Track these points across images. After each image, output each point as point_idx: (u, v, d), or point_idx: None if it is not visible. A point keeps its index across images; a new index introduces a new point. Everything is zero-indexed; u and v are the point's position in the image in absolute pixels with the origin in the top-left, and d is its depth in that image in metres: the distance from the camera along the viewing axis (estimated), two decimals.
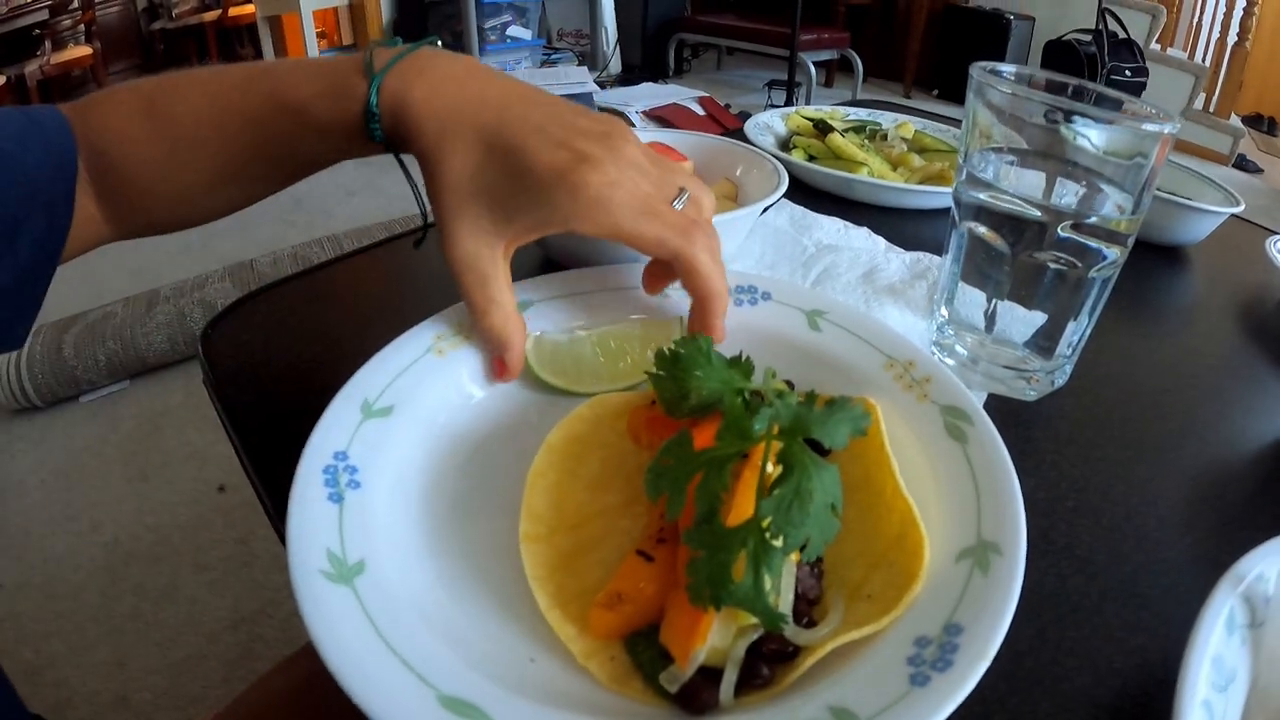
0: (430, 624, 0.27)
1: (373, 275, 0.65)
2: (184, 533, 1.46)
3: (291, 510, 0.29)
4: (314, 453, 0.32)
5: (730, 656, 0.26)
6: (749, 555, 0.24)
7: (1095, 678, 0.32)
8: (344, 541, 0.29)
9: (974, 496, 0.32)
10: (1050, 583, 0.37)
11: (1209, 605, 0.29)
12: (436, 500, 0.34)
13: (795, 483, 0.25)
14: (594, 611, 0.28)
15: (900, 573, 0.29)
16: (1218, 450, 0.50)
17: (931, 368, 0.40)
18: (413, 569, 0.30)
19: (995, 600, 0.27)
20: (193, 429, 1.73)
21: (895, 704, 0.24)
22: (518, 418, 0.39)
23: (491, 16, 3.87)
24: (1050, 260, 0.47)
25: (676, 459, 0.28)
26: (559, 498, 0.33)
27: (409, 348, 0.39)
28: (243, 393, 0.48)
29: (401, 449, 0.34)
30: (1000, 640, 0.26)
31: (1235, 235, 0.84)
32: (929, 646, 0.26)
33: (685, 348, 0.33)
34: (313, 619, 0.25)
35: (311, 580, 0.27)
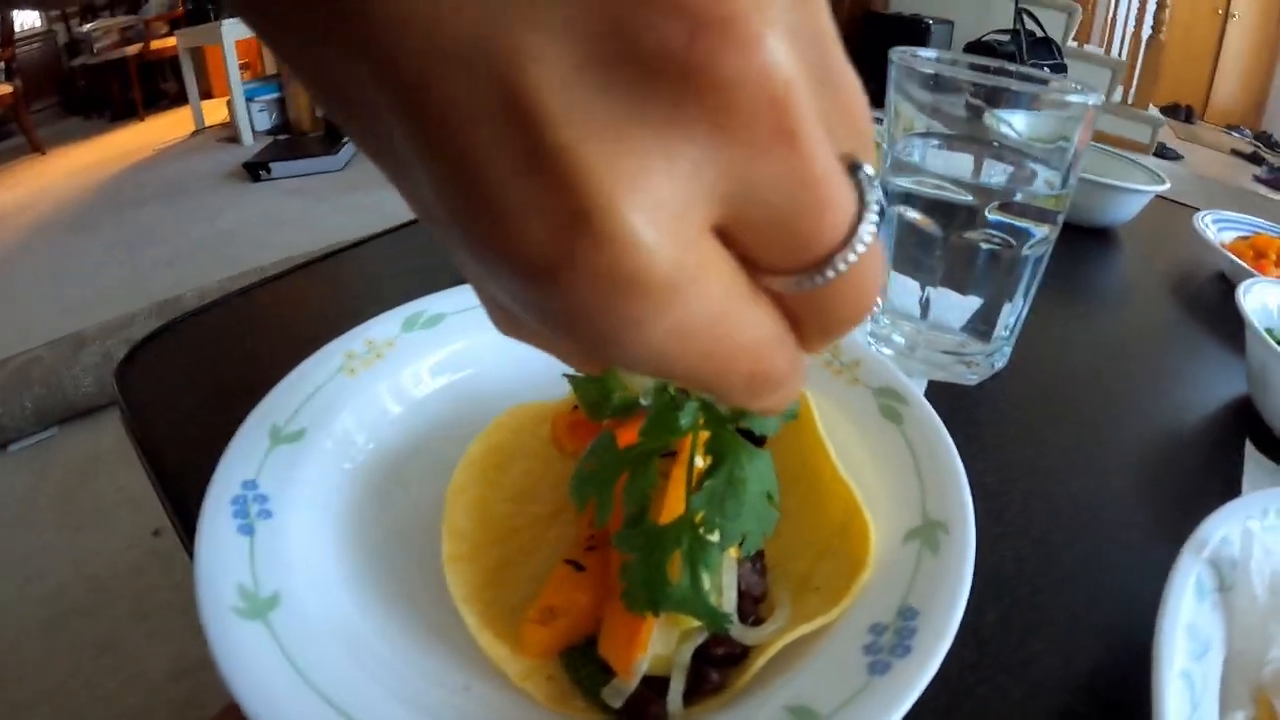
0: (355, 657, 0.25)
1: (296, 300, 0.62)
2: (122, 581, 1.41)
3: (199, 545, 0.27)
4: (221, 483, 0.30)
5: (675, 663, 0.25)
6: (684, 554, 0.23)
7: (1064, 659, 0.31)
8: (256, 575, 0.26)
9: (915, 476, 0.31)
10: (1008, 566, 0.36)
11: (1175, 573, 0.28)
12: (355, 525, 0.31)
13: (727, 472, 0.23)
14: (526, 628, 0.26)
15: (847, 560, 0.28)
16: (1164, 422, 0.49)
17: (858, 351, 0.39)
18: (332, 600, 0.27)
19: (948, 579, 0.26)
20: (125, 473, 1.66)
21: (857, 696, 0.22)
22: (437, 432, 0.37)
23: None
24: (982, 240, 0.46)
25: (601, 461, 0.26)
26: (482, 513, 0.31)
27: (318, 370, 0.37)
28: (161, 426, 0.44)
29: (315, 474, 0.32)
30: (958, 619, 0.24)
31: (1162, 215, 0.86)
32: (885, 633, 0.24)
33: None
34: (223, 658, 0.23)
35: (222, 618, 0.24)
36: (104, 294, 2.31)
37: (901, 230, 0.49)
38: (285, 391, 0.35)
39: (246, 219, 2.87)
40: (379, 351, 0.39)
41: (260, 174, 3.23)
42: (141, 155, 4.00)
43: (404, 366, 0.39)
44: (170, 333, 0.54)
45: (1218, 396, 0.52)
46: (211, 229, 2.79)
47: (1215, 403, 0.52)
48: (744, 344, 0.13)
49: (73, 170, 3.99)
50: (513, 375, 0.40)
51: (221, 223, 2.85)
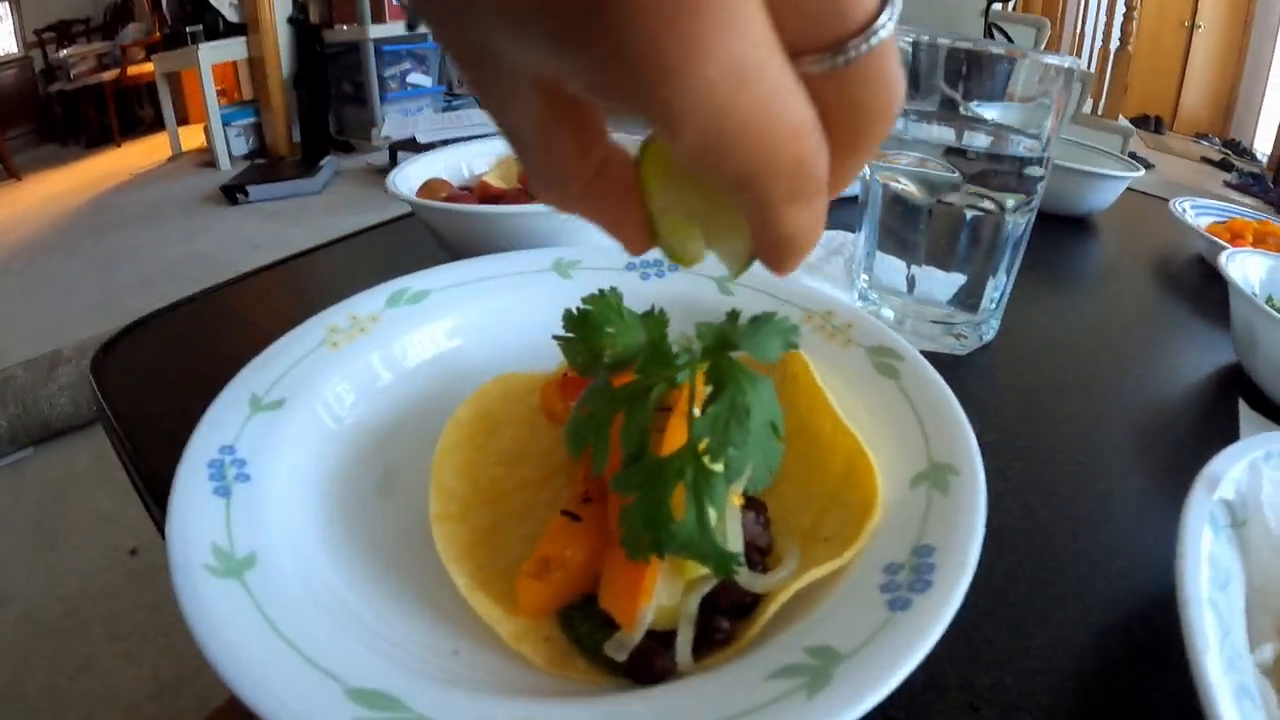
0: (336, 620, 0.23)
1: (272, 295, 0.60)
2: (96, 601, 1.38)
3: (172, 505, 0.25)
4: (197, 447, 0.28)
5: (682, 614, 0.23)
6: (688, 486, 0.21)
7: (1084, 606, 0.30)
8: (232, 535, 0.25)
9: (916, 424, 0.30)
10: (1017, 518, 0.35)
11: (1188, 509, 0.28)
12: (337, 490, 0.30)
13: (729, 398, 0.22)
14: (521, 582, 0.24)
15: (855, 508, 0.27)
16: (1156, 387, 0.50)
17: (851, 314, 0.38)
18: (313, 563, 0.26)
19: (963, 515, 0.25)
20: (101, 494, 1.64)
21: (879, 632, 0.21)
22: (422, 404, 0.36)
23: (392, 65, 3.85)
24: (966, 206, 0.46)
25: (595, 405, 0.24)
26: (471, 474, 0.29)
27: (300, 342, 0.36)
28: (138, 414, 0.43)
29: (296, 441, 0.30)
30: (976, 554, 0.23)
31: (1136, 206, 0.88)
32: (901, 571, 0.23)
33: (594, 304, 0.30)
34: (194, 616, 0.21)
35: (193, 576, 0.23)
36: (80, 314, 2.28)
37: (886, 208, 0.49)
38: (265, 363, 0.34)
39: (222, 241, 2.85)
40: (362, 326, 0.38)
41: (237, 197, 3.21)
42: (118, 180, 3.97)
43: (388, 340, 0.38)
44: (147, 326, 0.53)
45: (1207, 363, 0.53)
46: (187, 250, 2.77)
47: (1205, 369, 0.52)
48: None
49: (49, 195, 3.96)
50: (500, 350, 0.40)
51: (198, 244, 2.83)
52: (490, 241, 0.49)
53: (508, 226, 0.50)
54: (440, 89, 4.10)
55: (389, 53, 3.81)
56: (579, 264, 0.44)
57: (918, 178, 0.47)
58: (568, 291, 0.38)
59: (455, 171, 0.63)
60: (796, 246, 0.16)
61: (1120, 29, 3.84)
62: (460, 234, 0.52)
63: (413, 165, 0.60)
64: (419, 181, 0.58)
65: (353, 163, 3.70)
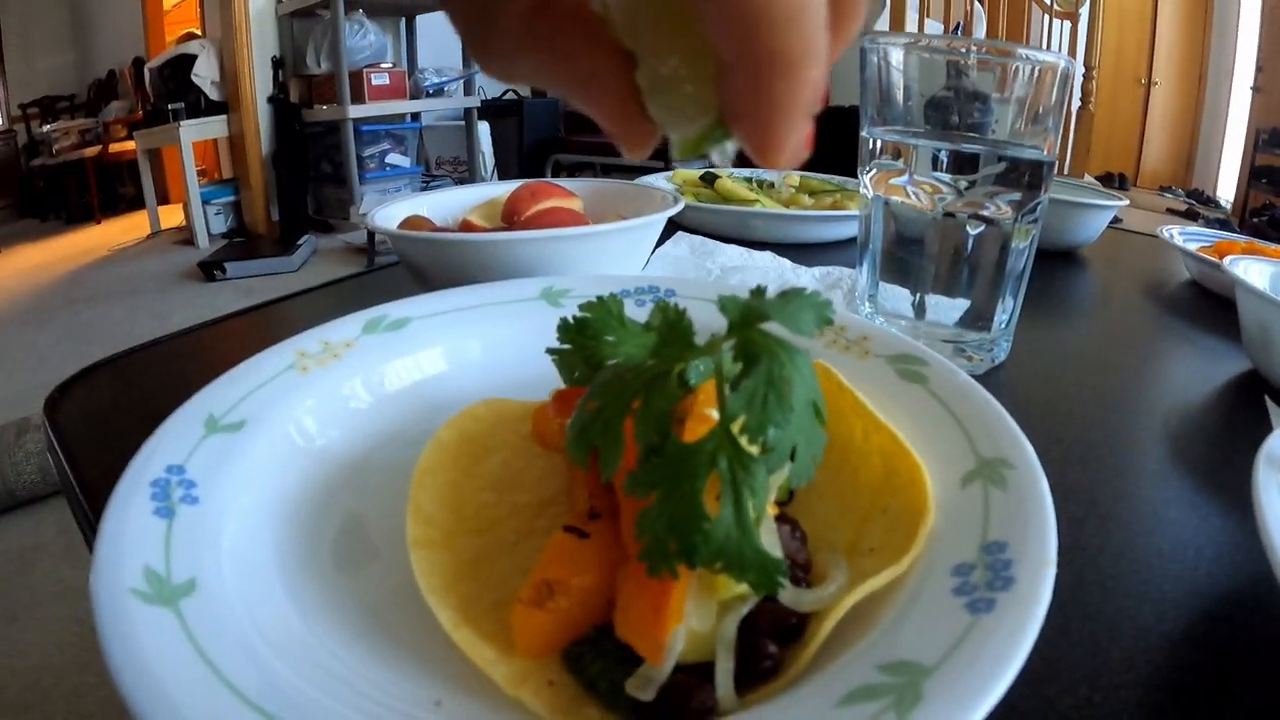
0: (290, 663, 0.19)
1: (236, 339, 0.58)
2: (57, 676, 1.31)
3: (104, 524, 0.22)
4: (141, 465, 0.24)
5: (719, 639, 0.19)
6: (723, 477, 0.18)
7: (1155, 613, 0.27)
8: (170, 559, 0.20)
9: (955, 424, 0.27)
10: (1064, 531, 0.31)
11: (1256, 487, 0.25)
12: (300, 519, 0.26)
13: (766, 371, 0.18)
14: (518, 612, 0.20)
15: (901, 514, 0.23)
16: (1179, 396, 0.49)
17: (866, 327, 0.36)
18: (267, 595, 0.21)
19: (1030, 507, 0.22)
20: (66, 565, 1.58)
21: (965, 639, 0.17)
22: (399, 432, 0.32)
23: (370, 145, 3.89)
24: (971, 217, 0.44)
25: (605, 397, 0.21)
26: (455, 499, 0.25)
27: (266, 365, 0.32)
28: (90, 453, 0.39)
29: (255, 464, 0.26)
30: (1054, 545, 0.20)
31: (1122, 240, 0.93)
32: (974, 571, 0.19)
33: (592, 312, 0.27)
34: (111, 644, 0.18)
35: (118, 600, 0.19)
36: (50, 386, 2.22)
37: (888, 237, 0.47)
38: (226, 384, 0.30)
39: (198, 317, 2.78)
40: (335, 352, 0.35)
41: (215, 274, 3.19)
42: (96, 255, 3.95)
43: (363, 367, 0.35)
44: (109, 367, 0.50)
45: (1221, 372, 0.52)
46: (163, 325, 2.73)
47: (1220, 377, 0.52)
48: None
49: (26, 267, 3.94)
50: (487, 379, 0.36)
51: (174, 320, 2.80)
52: (475, 274, 0.46)
53: (493, 256, 0.47)
54: (419, 169, 4.15)
55: (367, 133, 3.86)
56: (569, 292, 0.42)
57: (918, 193, 0.45)
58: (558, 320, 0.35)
59: (438, 214, 0.60)
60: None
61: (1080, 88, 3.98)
62: (444, 268, 0.49)
63: (394, 205, 0.57)
64: (400, 220, 0.55)
65: (331, 242, 3.71)
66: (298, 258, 3.34)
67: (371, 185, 3.81)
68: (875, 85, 0.46)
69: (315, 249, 3.56)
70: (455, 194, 0.63)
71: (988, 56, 0.43)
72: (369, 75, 3.58)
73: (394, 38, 4.15)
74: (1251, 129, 4.20)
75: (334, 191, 3.88)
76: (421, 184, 4.08)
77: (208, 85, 3.84)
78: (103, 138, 5.25)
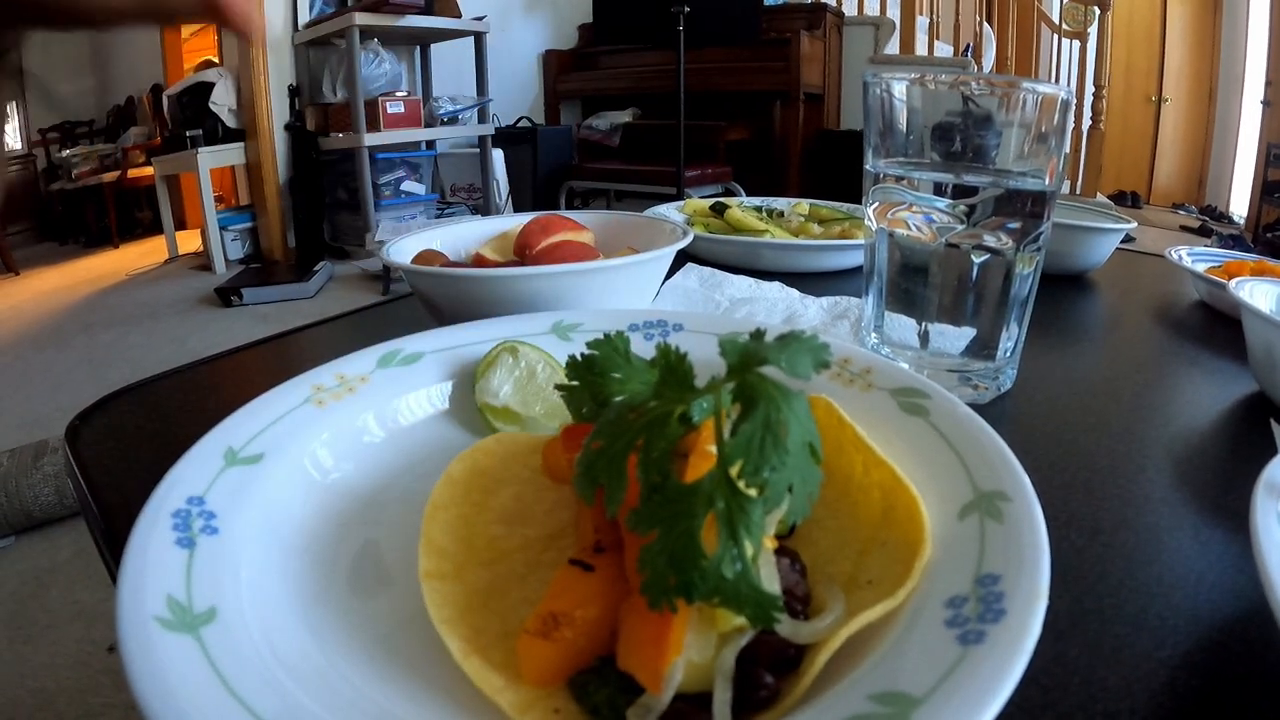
0: (307, 689, 0.20)
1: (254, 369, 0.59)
2: (70, 697, 1.31)
3: (128, 553, 0.23)
4: (162, 496, 0.25)
5: (718, 670, 0.20)
6: (720, 517, 0.18)
7: (1154, 641, 0.28)
8: (191, 588, 0.22)
9: (954, 456, 0.28)
10: (1065, 557, 0.33)
11: (1255, 514, 0.25)
12: (316, 550, 0.27)
13: (763, 415, 0.19)
14: (524, 642, 0.21)
15: (899, 547, 0.24)
16: (1182, 421, 0.49)
17: (869, 359, 0.36)
18: (284, 625, 0.22)
19: (1025, 539, 0.22)
20: (81, 587, 1.59)
21: (954, 670, 0.18)
22: (413, 465, 0.33)
23: (385, 173, 3.94)
24: (975, 247, 0.45)
25: (609, 436, 0.22)
26: (466, 532, 0.26)
27: (283, 399, 0.33)
28: (110, 478, 0.41)
29: (272, 497, 0.28)
30: (1047, 578, 0.20)
31: (1131, 263, 0.92)
32: (966, 604, 0.20)
33: (599, 349, 0.28)
34: (135, 670, 0.19)
35: (142, 626, 0.20)
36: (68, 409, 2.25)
37: (893, 266, 0.48)
38: (244, 417, 0.31)
39: (215, 342, 2.85)
40: (350, 386, 0.36)
41: (232, 299, 3.23)
42: (114, 280, 4.01)
43: (378, 401, 0.36)
44: (129, 395, 0.51)
45: (1227, 395, 0.52)
46: (180, 350, 2.77)
47: (1226, 400, 0.52)
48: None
49: (44, 291, 3.99)
50: None
51: (190, 345, 2.83)
52: (487, 308, 0.47)
53: (505, 290, 0.48)
54: (433, 196, 4.19)
55: (383, 160, 3.91)
56: (579, 326, 0.43)
57: (925, 223, 0.46)
58: (568, 354, 0.36)
59: (451, 247, 0.62)
60: None
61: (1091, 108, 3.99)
62: (457, 301, 0.50)
63: (408, 240, 0.59)
64: (414, 254, 0.56)
65: (347, 268, 3.75)
66: (314, 284, 3.37)
67: (387, 212, 3.85)
68: (878, 116, 0.47)
69: (331, 275, 3.60)
70: (468, 227, 0.64)
71: (989, 88, 0.44)
72: (384, 103, 3.63)
73: (409, 66, 4.21)
74: (1263, 144, 4.19)
75: (350, 218, 3.92)
76: (437, 211, 4.12)
77: (225, 113, 3.91)
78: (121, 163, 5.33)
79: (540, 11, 4.96)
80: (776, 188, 4.89)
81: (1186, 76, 4.62)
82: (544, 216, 0.60)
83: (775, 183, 4.96)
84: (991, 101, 0.43)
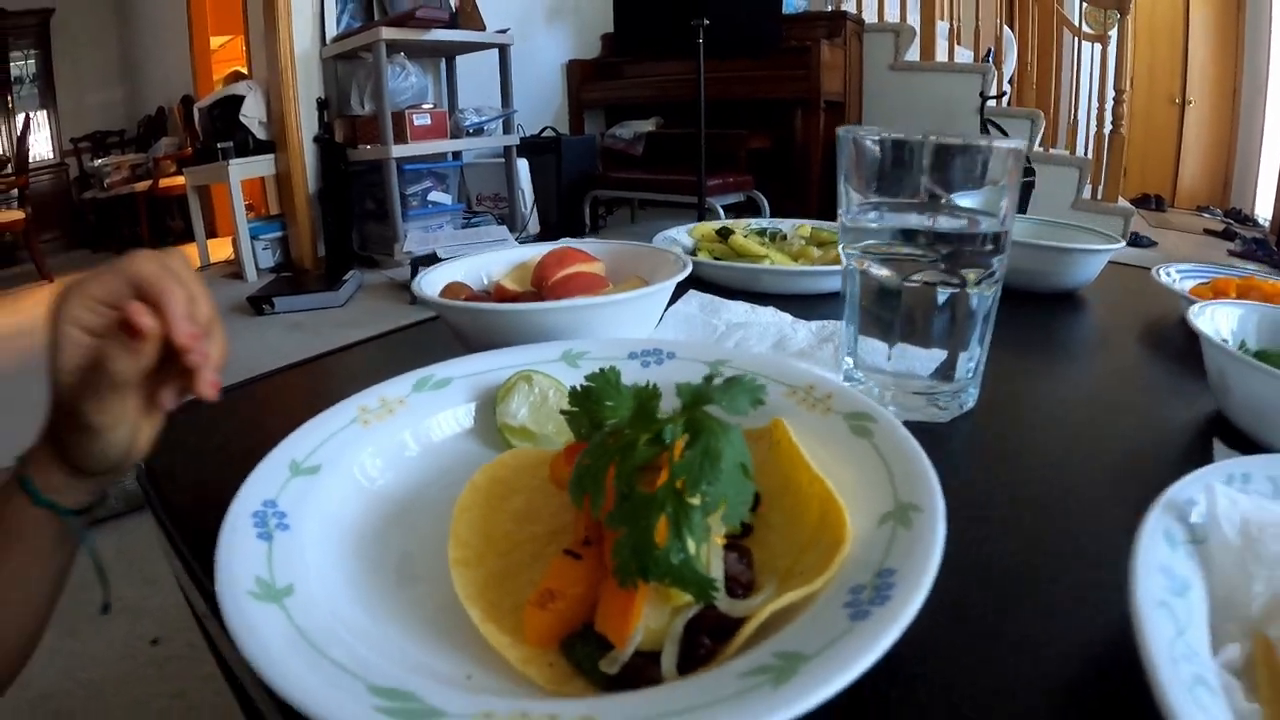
0: (362, 642, 0.27)
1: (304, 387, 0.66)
2: (117, 687, 1.39)
3: (220, 547, 0.29)
4: (243, 501, 0.33)
5: (669, 634, 0.26)
6: (669, 518, 0.25)
7: (1061, 632, 0.32)
8: (273, 570, 0.29)
9: (885, 473, 0.34)
10: (1001, 560, 0.37)
11: (1144, 524, 0.30)
12: (367, 541, 0.34)
13: (704, 443, 0.26)
14: (528, 611, 0.28)
15: (828, 546, 0.30)
16: (1138, 436, 0.53)
17: (830, 386, 0.42)
18: (343, 599, 0.29)
19: (921, 543, 0.28)
20: (125, 584, 1.64)
21: (839, 639, 0.24)
22: (442, 475, 0.40)
23: (413, 183, 4.02)
24: (937, 284, 0.50)
25: (593, 457, 0.28)
26: (486, 528, 0.33)
27: (335, 418, 0.40)
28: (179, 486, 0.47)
29: (330, 499, 0.35)
30: (933, 573, 0.26)
31: (1129, 278, 0.93)
32: (864, 591, 0.26)
33: (595, 382, 0.35)
34: (238, 629, 0.25)
35: (238, 599, 0.27)
36: None
37: (865, 295, 0.54)
38: (303, 435, 0.38)
39: (247, 351, 2.92)
40: (391, 408, 0.43)
41: (264, 308, 3.30)
42: None
43: (414, 420, 0.43)
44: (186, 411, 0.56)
45: (1192, 415, 0.55)
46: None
47: (1190, 419, 0.54)
48: None
49: None
50: None
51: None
52: (506, 337, 0.54)
53: (522, 322, 0.55)
54: (460, 206, 4.26)
55: (410, 171, 3.98)
56: (586, 354, 0.49)
57: (889, 262, 0.51)
58: (575, 379, 0.42)
59: (474, 277, 0.69)
60: None
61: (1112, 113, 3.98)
62: (480, 330, 0.57)
63: (436, 271, 0.66)
64: (441, 285, 0.64)
65: (375, 277, 3.80)
66: (344, 293, 3.43)
67: (414, 222, 3.91)
68: (849, 168, 0.53)
69: (360, 284, 3.65)
70: (489, 258, 0.72)
71: (947, 142, 0.49)
72: (411, 116, 3.70)
73: (435, 78, 4.27)
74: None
75: (378, 228, 3.99)
76: (463, 220, 4.17)
77: (255, 125, 3.98)
78: (153, 172, 5.41)
79: (562, 21, 5.00)
80: (798, 196, 4.89)
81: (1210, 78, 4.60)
82: (559, 249, 0.67)
83: (797, 191, 4.96)
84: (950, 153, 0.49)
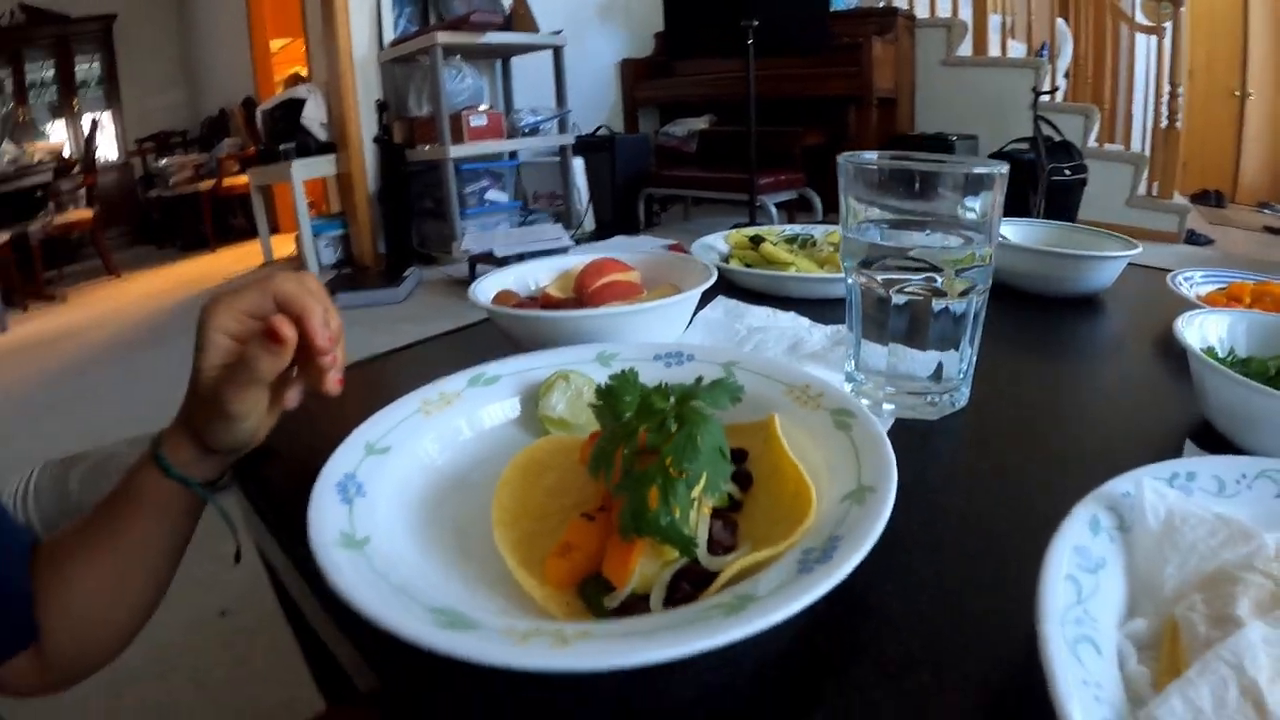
0: (426, 583, 0.35)
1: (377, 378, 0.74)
2: (184, 653, 1.48)
3: (311, 506, 0.38)
4: (328, 474, 0.41)
5: (658, 581, 0.34)
6: (659, 488, 0.32)
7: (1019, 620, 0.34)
8: (354, 526, 0.37)
9: (855, 460, 0.40)
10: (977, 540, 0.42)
11: (1072, 512, 0.33)
12: (427, 507, 0.42)
13: (688, 431, 0.33)
14: (549, 560, 0.35)
15: (796, 518, 0.37)
16: (1119, 441, 0.56)
17: (823, 386, 0.49)
18: (408, 551, 0.38)
19: (870, 515, 0.34)
20: (193, 561, 1.72)
21: (785, 585, 0.31)
22: (490, 455, 0.48)
23: (470, 183, 4.15)
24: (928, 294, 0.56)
25: (607, 441, 0.36)
26: (523, 498, 0.41)
27: (400, 409, 0.49)
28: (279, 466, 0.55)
29: (399, 474, 0.43)
30: (873, 540, 0.32)
31: (1142, 282, 0.95)
32: (814, 552, 0.33)
33: (617, 381, 0.42)
34: (328, 567, 0.33)
35: (328, 547, 0.35)
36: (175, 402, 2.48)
37: (866, 303, 0.60)
38: (375, 422, 0.47)
39: None
40: (448, 400, 0.51)
41: None
42: (212, 283, 4.26)
43: (468, 411, 0.51)
44: None
45: (1174, 417, 0.58)
46: None
47: (1170, 420, 0.57)
48: None
49: (146, 293, 4.22)
50: None
51: None
52: (549, 339, 0.62)
53: (563, 327, 0.63)
54: (516, 204, 4.36)
55: (467, 171, 4.10)
56: (617, 355, 0.57)
57: (884, 274, 0.58)
58: (604, 378, 0.48)
59: (523, 284, 0.79)
60: None
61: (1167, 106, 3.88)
62: (526, 334, 0.66)
63: (488, 280, 0.75)
64: (494, 292, 0.73)
65: (434, 274, 3.89)
66: (403, 289, 3.53)
67: (472, 220, 4.01)
68: (849, 190, 0.59)
69: (420, 281, 3.75)
70: (536, 266, 0.81)
71: (936, 167, 0.55)
72: (468, 117, 3.80)
73: (490, 80, 4.38)
74: None
75: (436, 226, 4.11)
76: (520, 218, 4.27)
77: (316, 127, 4.13)
78: (216, 172, 5.61)
79: (614, 20, 5.05)
80: None
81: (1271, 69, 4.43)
82: (598, 260, 0.75)
83: None
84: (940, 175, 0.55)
